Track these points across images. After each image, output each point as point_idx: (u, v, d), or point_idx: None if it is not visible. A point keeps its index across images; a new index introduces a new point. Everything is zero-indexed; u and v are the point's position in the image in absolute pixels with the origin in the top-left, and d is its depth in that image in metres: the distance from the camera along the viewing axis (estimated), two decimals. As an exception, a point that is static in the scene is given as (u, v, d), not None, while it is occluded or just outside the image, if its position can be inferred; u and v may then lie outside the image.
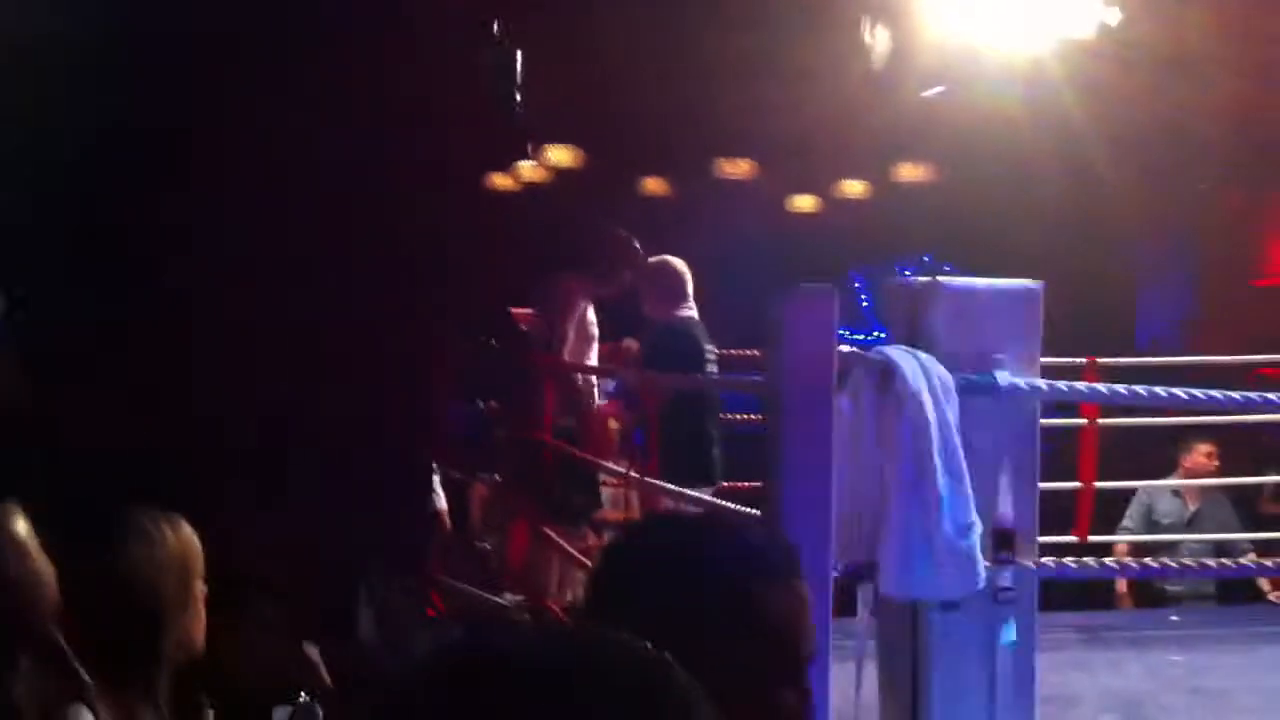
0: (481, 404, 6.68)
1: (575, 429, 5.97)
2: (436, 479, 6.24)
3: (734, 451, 5.78)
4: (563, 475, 5.75)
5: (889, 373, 2.96)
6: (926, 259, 11.58)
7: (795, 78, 8.74)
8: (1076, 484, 7.60)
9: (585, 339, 5.91)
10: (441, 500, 6.20)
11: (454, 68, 5.38)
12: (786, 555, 1.58)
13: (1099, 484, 7.69)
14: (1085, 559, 3.48)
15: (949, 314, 3.15)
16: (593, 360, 6.03)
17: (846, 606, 3.15)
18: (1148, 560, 3.76)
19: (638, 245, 5.94)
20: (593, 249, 6.01)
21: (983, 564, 2.98)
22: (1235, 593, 7.75)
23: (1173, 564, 3.57)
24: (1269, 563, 4.16)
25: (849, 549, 2.93)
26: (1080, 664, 6.52)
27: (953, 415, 3.01)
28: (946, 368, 3.08)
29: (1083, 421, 7.51)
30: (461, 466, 6.23)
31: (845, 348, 3.00)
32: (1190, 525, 7.67)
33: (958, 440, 2.98)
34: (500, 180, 10.81)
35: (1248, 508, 7.89)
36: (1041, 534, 6.53)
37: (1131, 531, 7.66)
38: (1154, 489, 7.87)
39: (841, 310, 2.92)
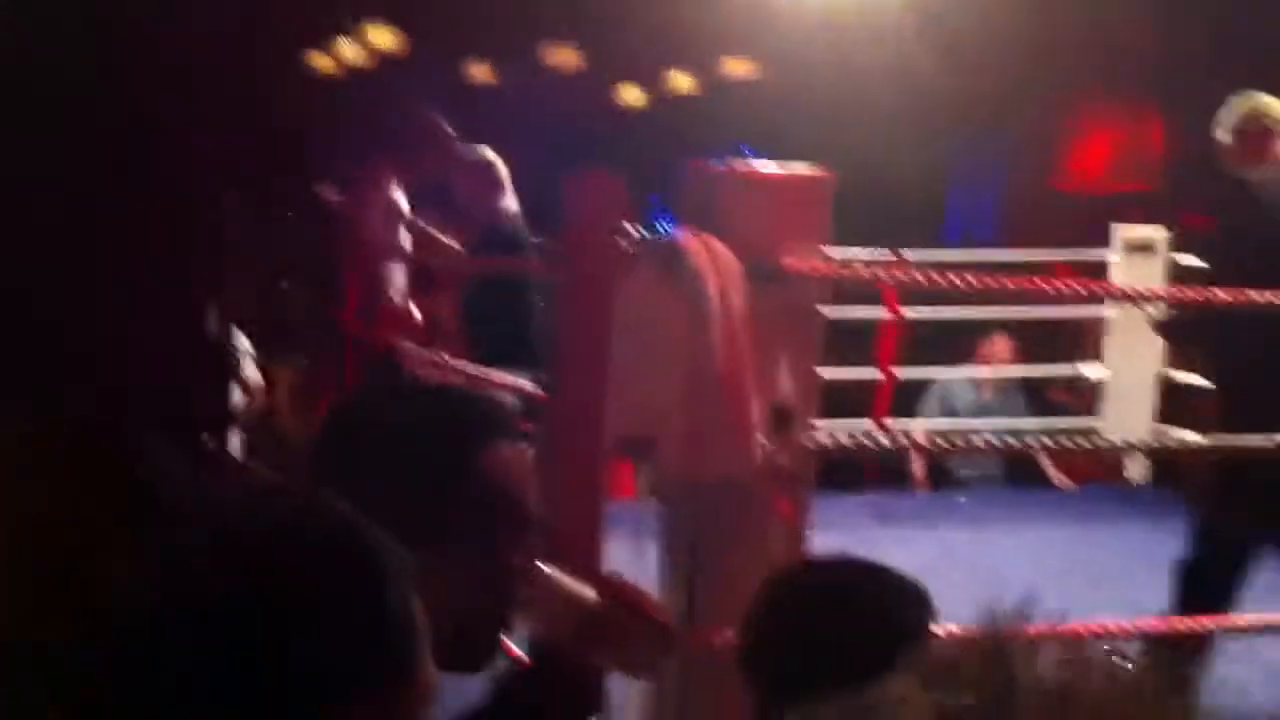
0: (284, 285, 6.61)
1: (381, 315, 5.94)
2: (248, 356, 6.14)
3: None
4: (364, 360, 5.73)
5: (676, 255, 3.01)
6: (746, 151, 11.69)
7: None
8: (876, 373, 7.85)
9: (393, 222, 5.86)
10: (255, 375, 6.13)
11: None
12: (503, 419, 1.61)
13: (898, 371, 7.96)
14: (864, 435, 3.60)
15: (739, 200, 3.22)
16: (407, 247, 5.98)
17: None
18: (918, 439, 3.91)
19: (449, 129, 5.89)
20: (400, 131, 5.95)
21: (759, 441, 3.08)
22: (1022, 476, 8.11)
23: (941, 441, 3.71)
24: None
25: (629, 424, 3.00)
26: (870, 542, 6.74)
27: (739, 300, 3.08)
28: (735, 252, 3.14)
29: (884, 313, 7.75)
30: (265, 349, 6.15)
31: (637, 231, 3.04)
32: (984, 413, 7.98)
33: (740, 324, 3.06)
34: (321, 61, 10.57)
35: (1039, 398, 8.22)
36: (840, 417, 6.72)
37: (928, 418, 7.94)
38: (951, 379, 8.15)
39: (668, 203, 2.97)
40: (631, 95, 11.63)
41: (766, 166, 3.28)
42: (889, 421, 7.61)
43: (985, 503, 7.64)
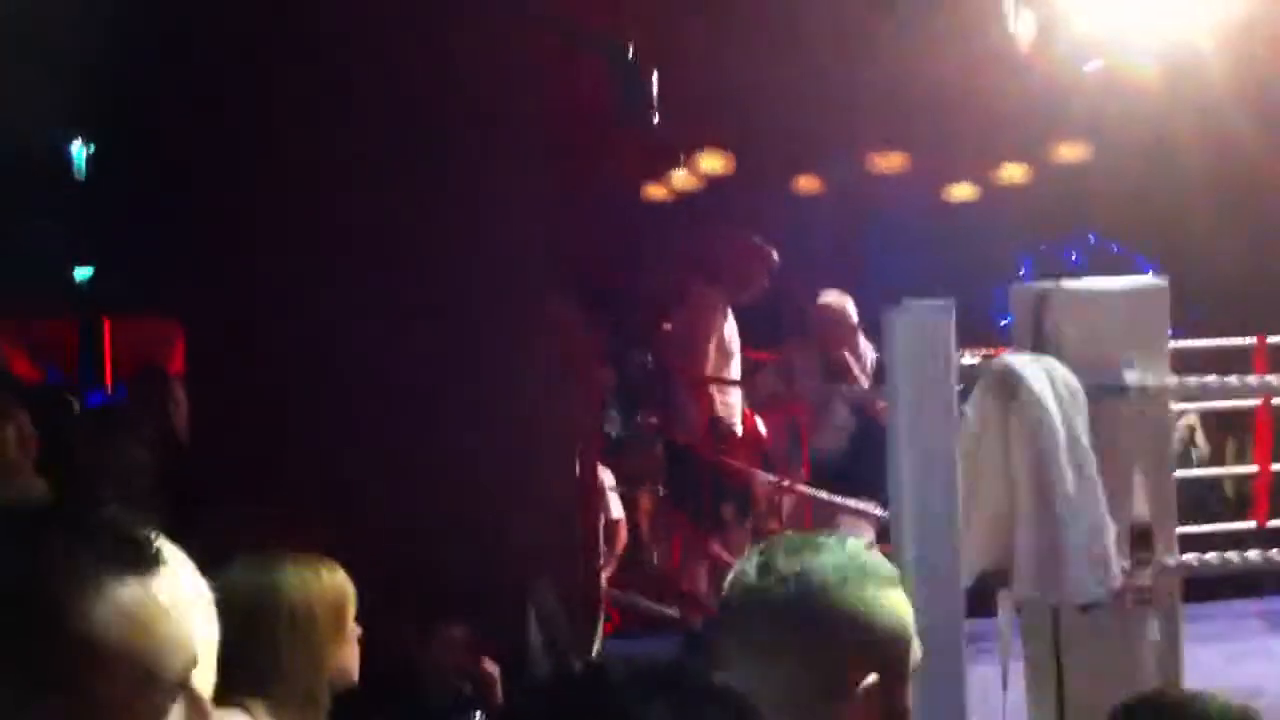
0: (639, 416, 6.83)
1: (724, 440, 6.06)
2: (611, 489, 6.38)
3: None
4: (713, 485, 5.84)
5: (1012, 381, 2.99)
6: (1092, 239, 11.35)
7: (938, 61, 8.69)
8: (1252, 469, 7.40)
9: (724, 353, 5.99)
10: (617, 509, 6.34)
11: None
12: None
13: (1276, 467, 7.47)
14: (1229, 554, 3.44)
15: (1073, 318, 3.17)
16: (733, 374, 6.10)
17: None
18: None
19: (771, 251, 6.01)
20: (724, 259, 6.11)
21: (1117, 566, 2.99)
22: None
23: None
24: None
25: (981, 556, 2.97)
26: (1265, 653, 6.35)
27: (1081, 419, 3.03)
28: (1073, 371, 3.09)
29: (1255, 403, 7.31)
30: (625, 478, 6.36)
31: (968, 358, 3.04)
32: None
33: (1087, 443, 3.00)
34: (654, 190, 10.94)
35: None
36: (1220, 520, 6.38)
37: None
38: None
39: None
40: (961, 191, 11.51)
41: (1097, 281, 3.22)
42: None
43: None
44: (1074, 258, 11.28)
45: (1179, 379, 3.23)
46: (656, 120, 5.30)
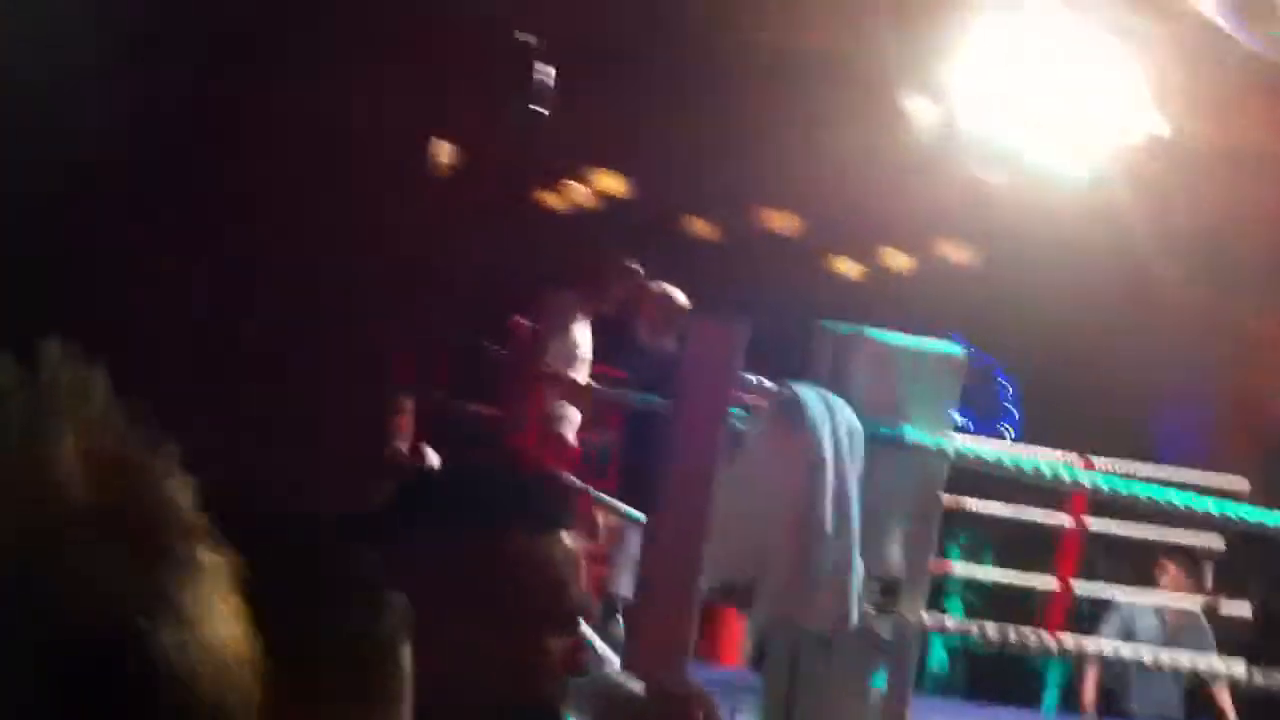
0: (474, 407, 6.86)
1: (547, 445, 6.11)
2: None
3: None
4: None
5: (794, 407, 3.07)
6: (955, 339, 11.63)
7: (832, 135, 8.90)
8: (1052, 584, 7.61)
9: (567, 356, 6.05)
10: None
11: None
12: (559, 509, 1.65)
13: (1078, 587, 7.69)
14: (971, 622, 3.56)
15: (867, 364, 3.27)
16: (579, 378, 6.16)
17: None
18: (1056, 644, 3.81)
19: (637, 268, 6.08)
20: (583, 267, 6.18)
21: (857, 604, 3.08)
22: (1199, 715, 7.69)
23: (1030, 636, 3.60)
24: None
25: (728, 564, 3.04)
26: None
27: (852, 461, 3.12)
28: (859, 416, 3.19)
29: (1066, 522, 7.53)
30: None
31: (757, 379, 3.12)
32: (1167, 644, 7.61)
33: (852, 483, 3.09)
34: (550, 198, 11.01)
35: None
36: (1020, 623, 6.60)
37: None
38: (1135, 603, 7.82)
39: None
40: (847, 268, 11.75)
41: (897, 336, 3.33)
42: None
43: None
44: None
45: (956, 445, 3.33)
46: (545, 115, 5.36)
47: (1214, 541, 7.21)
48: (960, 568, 7.39)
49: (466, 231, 6.13)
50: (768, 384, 3.18)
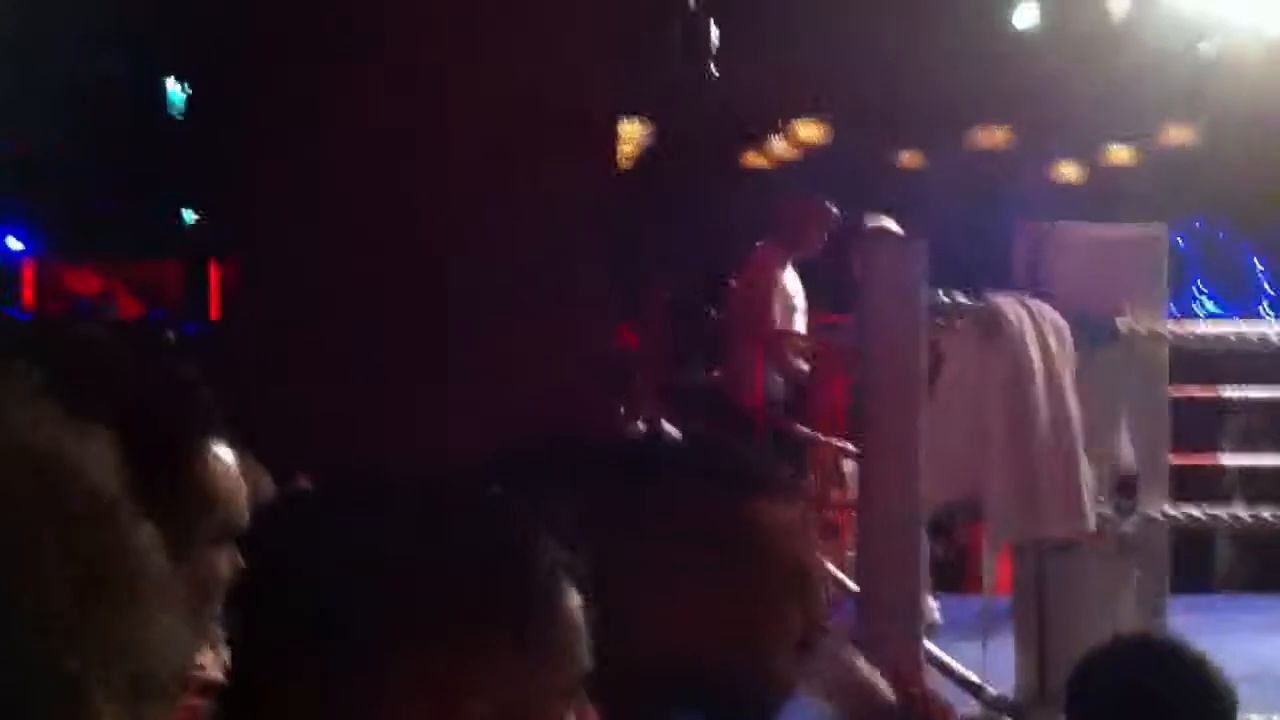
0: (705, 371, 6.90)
1: (790, 400, 6.08)
2: None
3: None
4: (771, 446, 5.84)
5: (992, 319, 3.00)
6: (1198, 224, 11.10)
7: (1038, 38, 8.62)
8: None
9: (786, 307, 6.01)
10: None
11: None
12: (775, 471, 1.60)
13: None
14: (1220, 510, 3.41)
15: (1069, 260, 3.16)
16: (799, 328, 6.12)
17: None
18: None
19: (830, 207, 6.00)
20: (781, 216, 6.13)
21: (1093, 509, 2.99)
22: None
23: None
24: None
25: (949, 487, 2.99)
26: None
27: (1064, 362, 3.02)
28: (1065, 314, 3.09)
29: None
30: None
31: (951, 295, 3.06)
32: None
33: (1068, 386, 3.00)
34: (753, 158, 10.97)
35: None
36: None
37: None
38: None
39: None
40: (1068, 171, 11.33)
41: (1096, 227, 3.21)
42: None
43: None
44: (1180, 243, 11.05)
45: (1173, 329, 3.20)
46: (714, 73, 5.33)
47: None
48: (1225, 457, 7.06)
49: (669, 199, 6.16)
50: (962, 299, 3.10)
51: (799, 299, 6.09)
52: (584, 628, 1.15)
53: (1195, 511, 3.24)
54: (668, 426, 6.32)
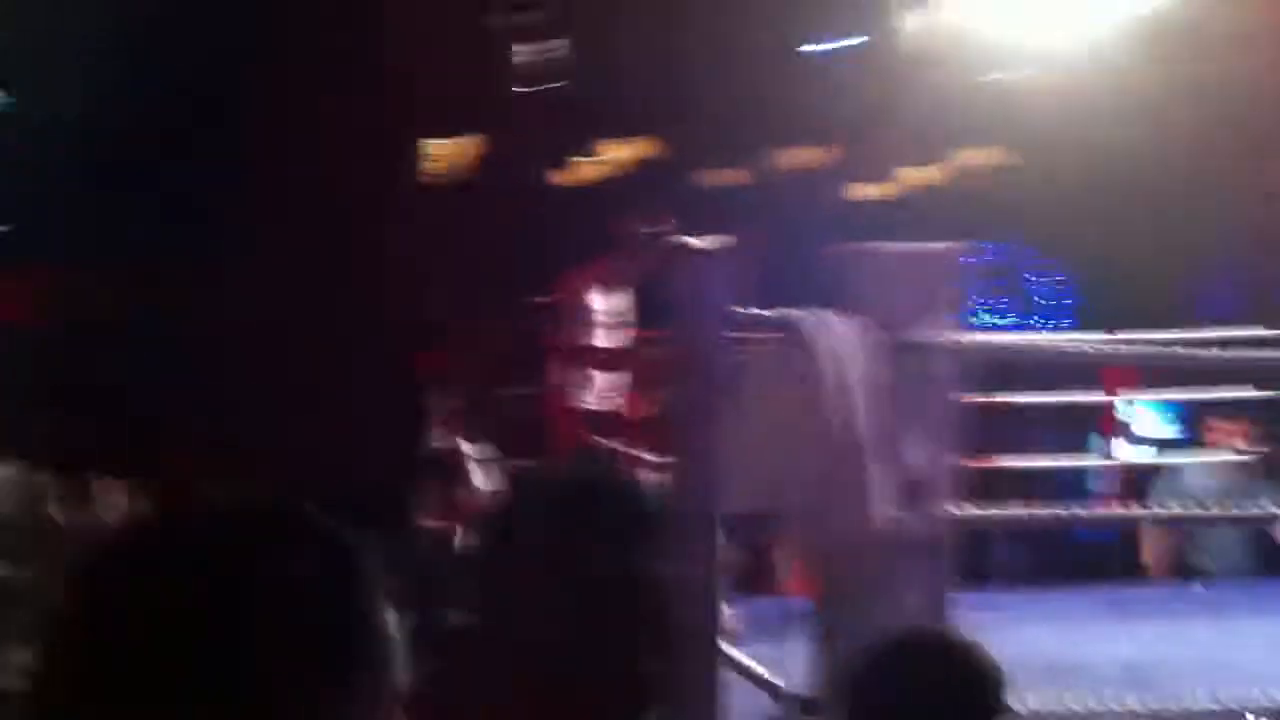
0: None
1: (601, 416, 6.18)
2: (477, 460, 6.47)
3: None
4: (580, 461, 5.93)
5: (793, 334, 3.14)
6: (995, 244, 11.60)
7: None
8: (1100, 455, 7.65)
9: (600, 325, 6.10)
10: (480, 479, 6.45)
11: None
12: (653, 525, 1.59)
13: (1127, 454, 7.72)
14: (996, 509, 3.61)
15: (868, 277, 3.32)
16: (615, 345, 6.20)
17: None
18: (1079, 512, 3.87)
19: (646, 226, 6.11)
20: (596, 235, 6.24)
21: (882, 510, 3.14)
22: (1274, 568, 7.68)
23: (1080, 512, 3.67)
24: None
25: (752, 494, 3.12)
26: (1101, 634, 6.55)
27: (860, 373, 3.18)
28: (866, 328, 3.25)
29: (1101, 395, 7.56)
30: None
31: (753, 311, 3.19)
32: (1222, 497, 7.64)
33: (861, 395, 3.15)
34: (563, 178, 11.09)
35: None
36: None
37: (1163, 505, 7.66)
38: (1184, 463, 7.87)
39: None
40: (872, 191, 11.74)
41: (895, 245, 3.38)
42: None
43: (1229, 593, 7.26)
44: (978, 261, 11.51)
45: (962, 340, 3.38)
46: (528, 92, 5.42)
47: (1259, 393, 7.24)
48: (1006, 459, 7.43)
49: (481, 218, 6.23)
50: (763, 313, 3.24)
51: (617, 317, 6.19)
52: (400, 650, 1.19)
53: (978, 510, 3.43)
54: (471, 447, 6.40)
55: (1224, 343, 6.49)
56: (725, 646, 3.16)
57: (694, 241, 5.87)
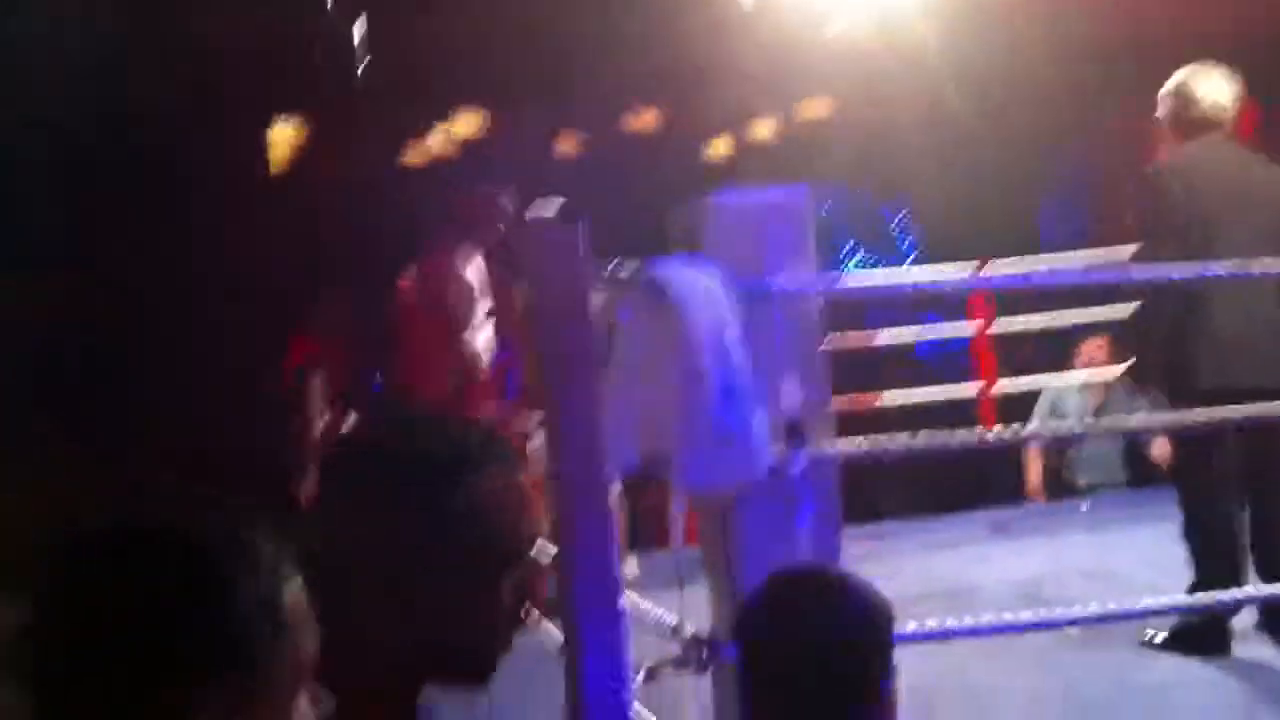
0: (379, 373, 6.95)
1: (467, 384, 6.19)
2: None
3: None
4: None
5: (658, 287, 3.18)
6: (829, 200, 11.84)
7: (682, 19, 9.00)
8: (977, 384, 7.87)
9: (464, 299, 6.11)
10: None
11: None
12: (497, 448, 1.65)
13: (1002, 384, 7.96)
14: (870, 439, 3.71)
15: (721, 228, 3.38)
16: (480, 318, 6.22)
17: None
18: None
19: (499, 196, 6.14)
20: (451, 209, 6.25)
21: (766, 454, 3.21)
22: (1147, 481, 7.97)
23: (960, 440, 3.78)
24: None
25: (636, 448, 3.16)
26: (986, 555, 6.79)
27: (728, 320, 3.23)
28: (725, 278, 3.30)
29: (973, 326, 7.77)
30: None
31: (612, 266, 3.23)
32: (1097, 418, 7.90)
33: (731, 343, 3.21)
34: (412, 156, 11.00)
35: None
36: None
37: (1040, 429, 7.91)
38: (1058, 387, 8.11)
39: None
40: (718, 146, 11.86)
41: (743, 194, 3.44)
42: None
43: (1107, 509, 7.54)
44: (826, 210, 11.72)
45: (820, 281, 3.46)
46: (360, 74, 5.37)
47: (1119, 312, 7.48)
48: (885, 397, 7.61)
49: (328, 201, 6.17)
50: (628, 271, 3.28)
51: (482, 289, 6.20)
52: (300, 628, 1.22)
53: (857, 445, 3.52)
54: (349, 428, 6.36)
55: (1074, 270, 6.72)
56: (627, 596, 3.21)
57: (548, 207, 5.94)
